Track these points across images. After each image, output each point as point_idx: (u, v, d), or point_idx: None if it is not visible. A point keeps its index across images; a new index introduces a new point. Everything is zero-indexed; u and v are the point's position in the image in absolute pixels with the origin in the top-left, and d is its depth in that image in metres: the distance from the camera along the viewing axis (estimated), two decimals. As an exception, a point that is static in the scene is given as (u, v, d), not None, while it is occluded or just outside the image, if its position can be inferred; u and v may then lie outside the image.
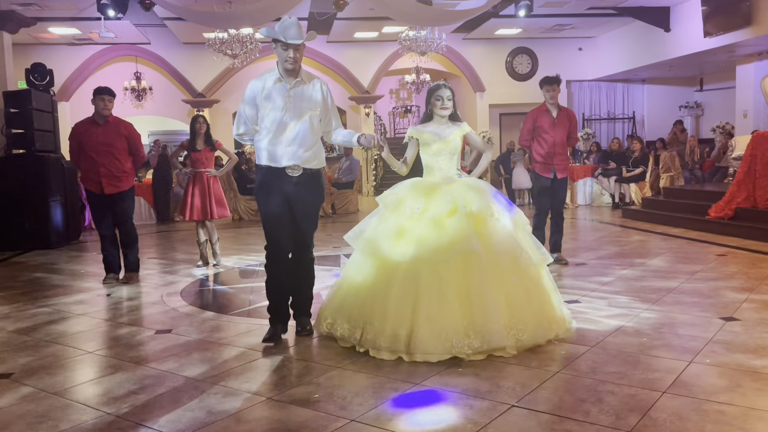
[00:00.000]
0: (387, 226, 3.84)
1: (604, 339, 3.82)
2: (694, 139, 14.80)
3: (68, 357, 3.93)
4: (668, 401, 2.86)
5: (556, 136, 6.39)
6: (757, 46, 13.00)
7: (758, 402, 2.82)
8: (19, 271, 7.34)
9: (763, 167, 7.81)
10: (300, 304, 4.20)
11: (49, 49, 15.50)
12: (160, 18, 13.34)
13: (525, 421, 2.72)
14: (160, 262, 7.55)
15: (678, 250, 7.07)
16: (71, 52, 15.99)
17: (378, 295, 3.66)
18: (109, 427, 2.83)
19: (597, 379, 3.17)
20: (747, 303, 4.54)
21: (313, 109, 3.95)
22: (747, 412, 2.73)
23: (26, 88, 9.66)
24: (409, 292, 3.56)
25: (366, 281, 3.77)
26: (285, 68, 3.89)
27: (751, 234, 7.39)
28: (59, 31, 14.55)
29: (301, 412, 2.92)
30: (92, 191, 6.28)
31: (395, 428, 2.69)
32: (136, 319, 4.90)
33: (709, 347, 3.60)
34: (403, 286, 3.58)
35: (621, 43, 16.49)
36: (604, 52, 17.29)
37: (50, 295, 5.82)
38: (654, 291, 5.05)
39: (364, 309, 3.69)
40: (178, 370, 3.57)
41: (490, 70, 17.37)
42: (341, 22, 13.70)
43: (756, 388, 2.99)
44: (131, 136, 6.34)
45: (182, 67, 16.65)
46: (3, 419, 2.96)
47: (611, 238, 8.19)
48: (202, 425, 2.80)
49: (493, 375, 3.27)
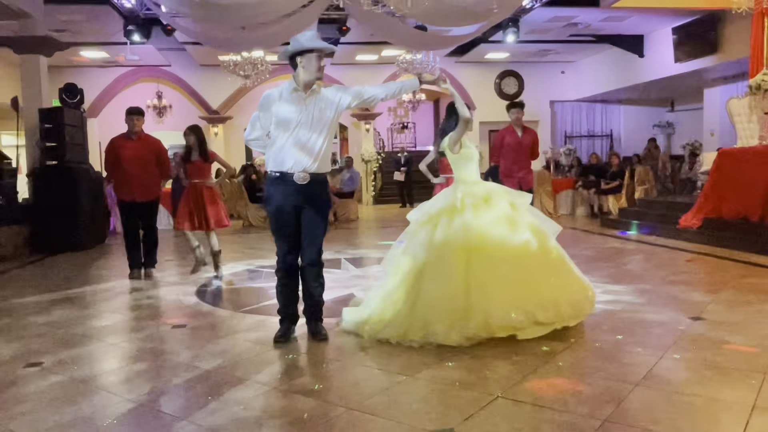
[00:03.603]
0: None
1: (583, 336, 3.81)
2: (666, 155, 14.85)
3: (93, 348, 3.93)
4: (640, 393, 2.86)
5: (521, 153, 6.67)
6: (723, 71, 13.06)
7: (722, 393, 2.82)
8: (51, 270, 7.35)
9: (728, 181, 7.82)
10: (312, 309, 3.98)
11: (81, 71, 15.57)
12: (180, 42, 13.40)
13: (509, 411, 2.71)
14: (178, 264, 7.54)
15: (651, 255, 7.07)
16: (100, 74, 16.07)
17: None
18: (129, 413, 2.83)
19: (575, 373, 3.17)
20: (712, 304, 4.54)
21: (325, 117, 3.79)
22: (712, 403, 2.73)
23: (59, 106, 9.73)
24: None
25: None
26: (316, 77, 3.75)
27: (717, 241, 7.39)
28: (90, 54, 14.62)
29: (303, 400, 2.91)
30: (124, 199, 6.42)
31: (389, 416, 2.69)
32: (154, 314, 4.89)
33: (678, 344, 3.59)
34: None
35: (600, 68, 16.56)
36: (584, 75, 17.36)
37: (78, 292, 5.81)
38: (628, 292, 5.04)
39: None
40: (193, 361, 3.57)
41: (480, 90, 17.43)
42: (344, 46, 13.76)
43: (720, 380, 2.98)
44: (160, 152, 6.54)
45: (199, 87, 16.73)
46: (33, 404, 2.96)
47: (590, 244, 8.19)
48: (214, 411, 2.80)
49: (480, 368, 3.25)
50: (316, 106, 3.77)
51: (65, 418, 2.78)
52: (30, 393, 3.12)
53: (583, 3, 11.43)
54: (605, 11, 11.58)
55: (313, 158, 3.75)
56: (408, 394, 2.95)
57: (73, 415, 2.81)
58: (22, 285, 6.42)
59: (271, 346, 3.81)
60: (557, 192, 13.27)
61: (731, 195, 7.71)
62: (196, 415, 2.77)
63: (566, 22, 12.96)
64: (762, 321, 4.03)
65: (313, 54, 3.72)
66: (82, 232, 9.19)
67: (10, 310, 5.14)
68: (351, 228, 11.45)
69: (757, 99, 8.35)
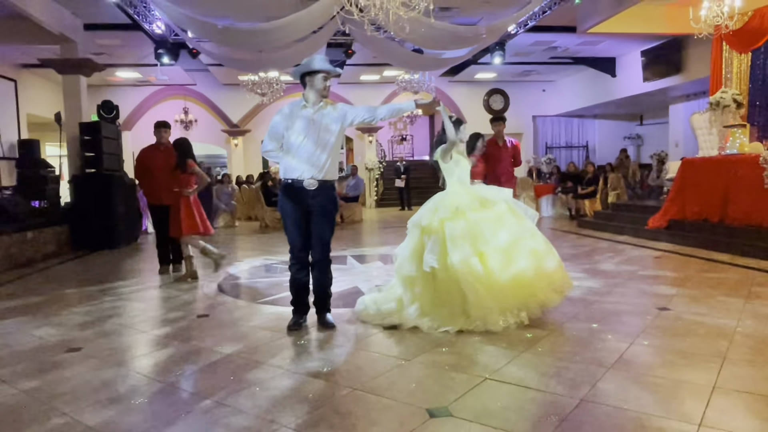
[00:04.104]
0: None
1: (562, 325, 3.80)
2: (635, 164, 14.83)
3: (126, 335, 3.93)
4: (613, 375, 2.85)
5: (503, 161, 6.76)
6: (687, 89, 13.07)
7: (687, 376, 2.81)
8: (89, 266, 7.34)
9: (691, 187, 7.80)
10: (321, 301, 3.97)
11: (116, 89, 15.61)
12: (204, 64, 13.43)
13: (495, 391, 2.71)
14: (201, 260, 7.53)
15: (622, 253, 7.06)
16: (133, 92, 16.10)
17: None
18: (159, 392, 2.83)
19: (555, 357, 3.16)
20: (677, 297, 4.53)
21: (330, 131, 3.79)
22: (677, 384, 2.72)
23: (97, 120, 9.73)
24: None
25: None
26: (321, 95, 3.77)
27: (682, 240, 7.37)
28: (124, 74, 14.65)
29: (313, 381, 2.91)
30: (153, 203, 6.43)
31: (390, 396, 2.68)
32: (181, 305, 4.88)
33: (647, 331, 3.58)
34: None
35: (577, 86, 16.56)
36: (563, 93, 17.36)
37: (113, 285, 5.81)
38: (602, 286, 5.03)
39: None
40: (215, 347, 3.56)
41: (470, 106, 17.44)
42: (350, 67, 13.77)
43: (685, 364, 2.97)
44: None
45: (221, 103, 16.75)
46: (73, 384, 2.96)
47: (568, 243, 8.17)
48: (234, 392, 2.80)
49: (470, 353, 3.25)
50: (323, 122, 3.78)
51: (101, 396, 2.78)
52: (70, 375, 3.12)
53: (561, 29, 11.43)
54: (581, 36, 11.59)
55: (319, 168, 3.76)
56: (406, 376, 2.94)
57: (108, 395, 2.81)
58: (63, 279, 6.42)
59: (285, 334, 3.80)
60: (539, 196, 13.27)
61: (694, 199, 7.70)
62: (218, 395, 2.76)
63: (547, 45, 12.97)
64: (721, 311, 4.02)
65: (319, 75, 3.76)
66: (117, 232, 9.20)
67: (53, 301, 5.15)
68: (356, 229, 11.44)
69: (717, 114, 8.35)
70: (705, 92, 11.47)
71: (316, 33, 9.20)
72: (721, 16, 7.44)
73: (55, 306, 4.92)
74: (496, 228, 3.79)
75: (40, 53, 10.24)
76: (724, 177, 7.22)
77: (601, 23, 10.08)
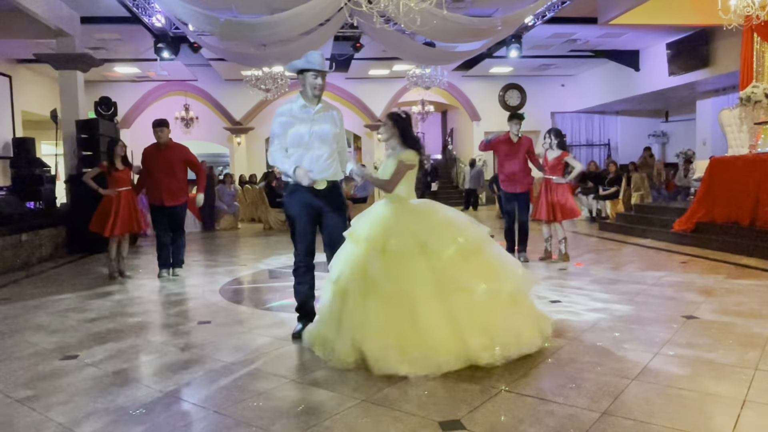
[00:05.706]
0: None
1: (582, 333, 3.78)
2: (660, 163, 14.72)
3: (124, 342, 3.95)
4: (636, 387, 2.83)
5: (516, 159, 6.81)
6: (715, 84, 12.96)
7: (713, 388, 2.79)
8: (86, 269, 7.41)
9: (719, 188, 7.73)
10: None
11: (114, 85, 15.74)
12: (206, 59, 13.52)
13: (511, 403, 2.70)
14: (203, 264, 7.59)
15: (646, 257, 7.01)
16: (132, 88, 16.23)
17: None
18: (158, 402, 2.85)
19: (575, 368, 3.14)
20: (705, 304, 4.49)
21: (332, 130, 3.87)
22: (704, 397, 2.70)
23: (95, 118, 9.83)
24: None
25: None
26: (314, 94, 3.83)
27: (709, 244, 7.31)
28: (122, 70, 14.78)
29: (320, 392, 2.91)
30: (155, 204, 6.45)
31: (400, 408, 2.68)
32: (181, 311, 4.92)
33: (672, 341, 3.55)
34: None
35: (598, 81, 16.49)
36: (583, 88, 17.29)
37: (111, 290, 5.86)
38: (625, 292, 5.00)
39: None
40: (216, 355, 3.58)
41: (485, 102, 17.41)
42: (358, 61, 13.80)
43: (711, 376, 2.95)
44: (188, 159, 6.57)
45: (223, 100, 16.84)
46: (69, 394, 2.98)
47: (589, 247, 8.13)
48: (236, 402, 2.81)
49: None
50: (323, 122, 3.84)
51: (98, 406, 2.81)
52: (66, 384, 3.15)
53: (581, 20, 11.39)
54: (603, 28, 11.54)
55: (325, 166, 3.81)
56: (418, 387, 2.93)
57: (105, 404, 2.83)
58: (60, 283, 6.48)
59: (290, 341, 3.81)
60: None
61: (723, 200, 7.63)
62: (220, 405, 2.77)
63: (566, 38, 12.91)
64: (752, 319, 3.98)
65: (309, 73, 3.82)
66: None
67: (48, 306, 5.20)
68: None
69: (748, 110, 8.26)
70: (734, 87, 11.37)
71: (322, 26, 9.23)
72: (752, 5, 7.36)
73: (50, 311, 4.97)
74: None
75: (35, 48, 10.35)
76: (755, 177, 7.14)
77: (623, 14, 10.03)
